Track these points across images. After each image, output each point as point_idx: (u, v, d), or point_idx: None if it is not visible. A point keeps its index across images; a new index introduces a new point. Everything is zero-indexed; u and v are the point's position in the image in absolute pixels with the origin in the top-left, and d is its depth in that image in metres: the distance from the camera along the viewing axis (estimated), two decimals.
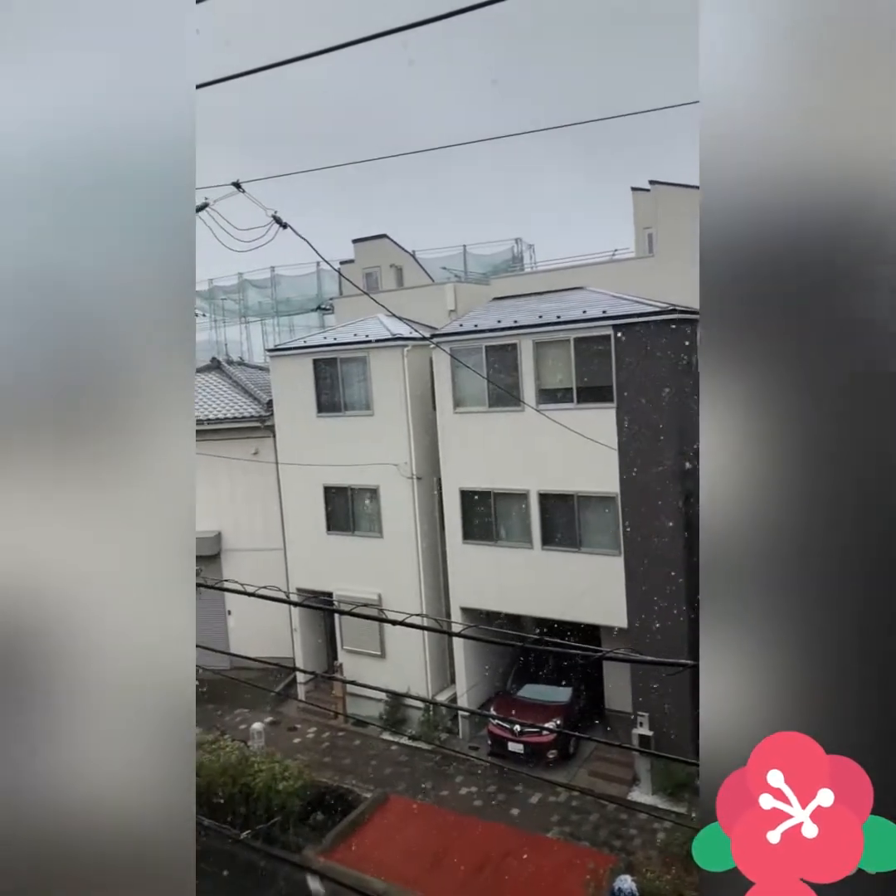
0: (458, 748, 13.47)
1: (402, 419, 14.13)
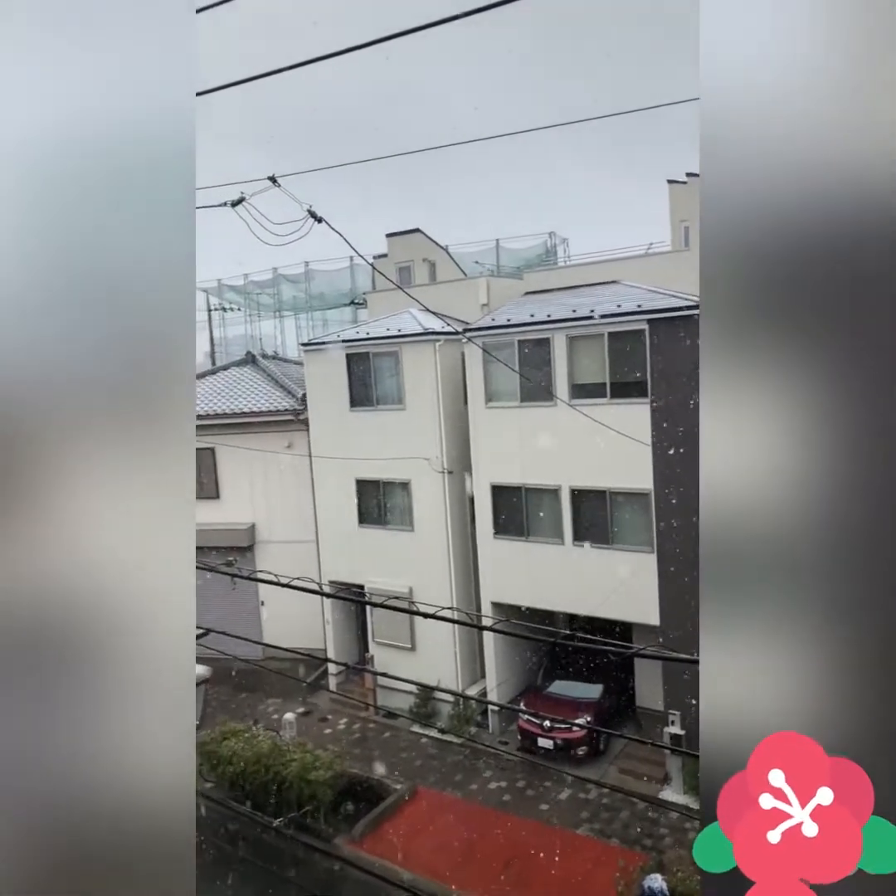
0: (488, 743, 13.49)
1: (433, 413, 14.14)
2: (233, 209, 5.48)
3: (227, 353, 27.77)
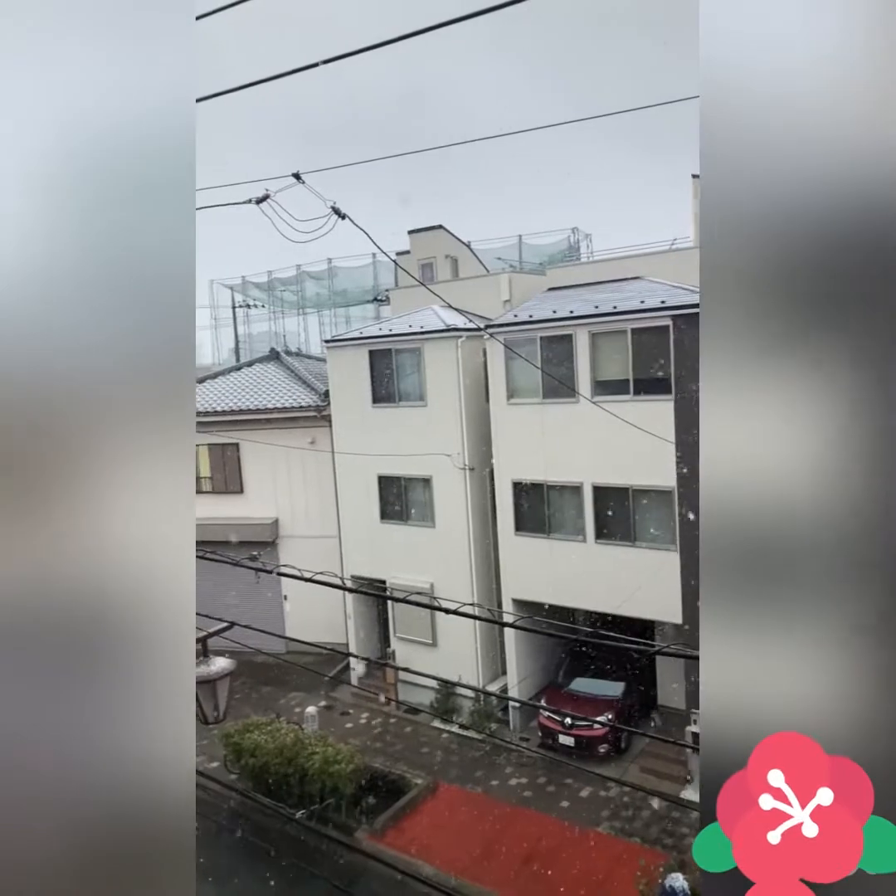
0: (509, 739, 13.50)
1: (455, 410, 14.16)
2: (258, 206, 5.53)
3: (252, 350, 28.02)
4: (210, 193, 6.03)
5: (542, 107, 53.31)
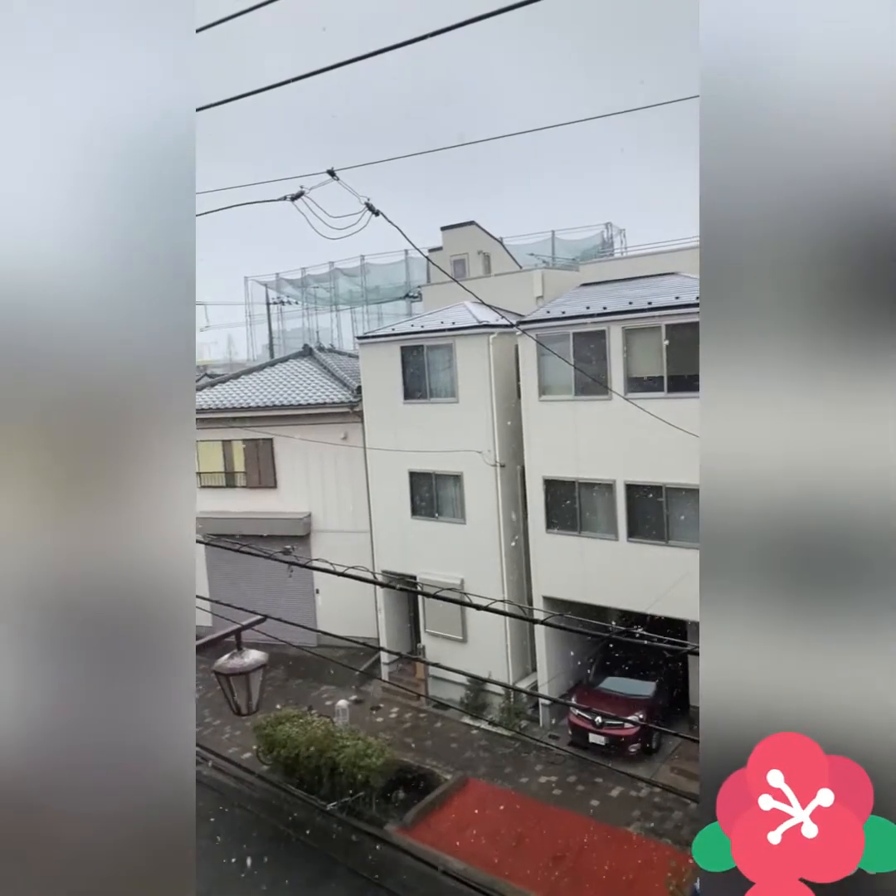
0: (539, 737, 13.47)
1: (486, 406, 14.13)
2: (292, 203, 5.58)
3: (286, 346, 28.31)
4: (245, 191, 6.09)
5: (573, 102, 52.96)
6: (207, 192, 6.70)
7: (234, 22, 3.34)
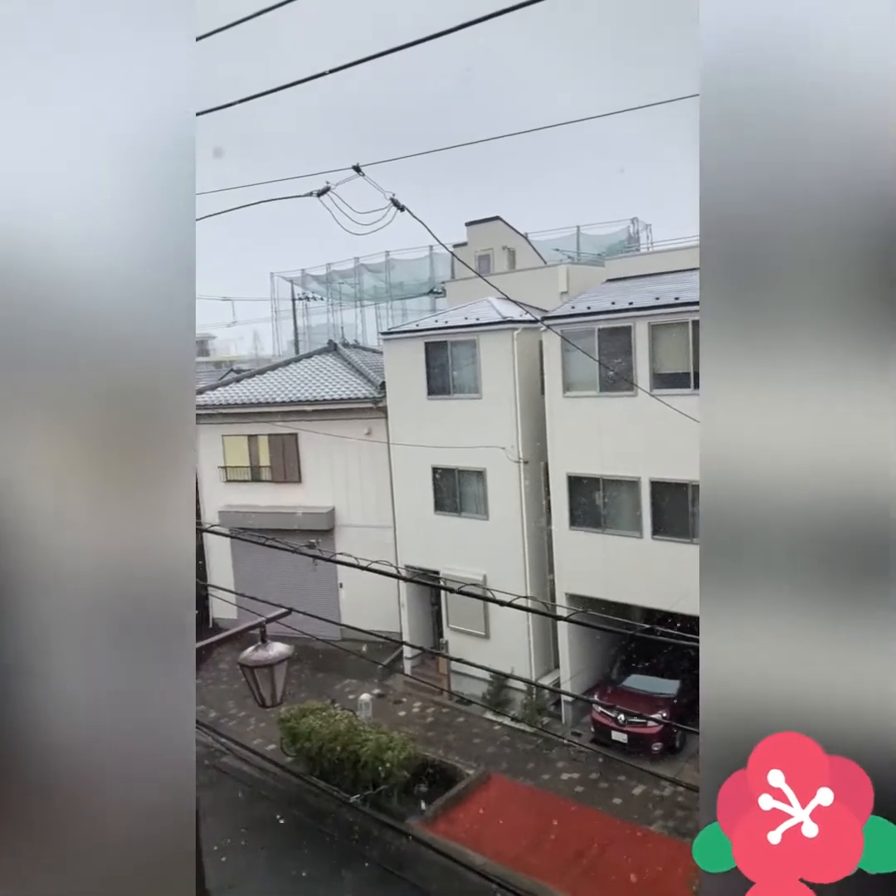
0: (561, 733, 13.44)
1: (509, 402, 14.10)
2: (318, 199, 5.61)
3: (311, 342, 28.49)
4: (271, 187, 6.12)
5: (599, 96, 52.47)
6: (233, 189, 6.76)
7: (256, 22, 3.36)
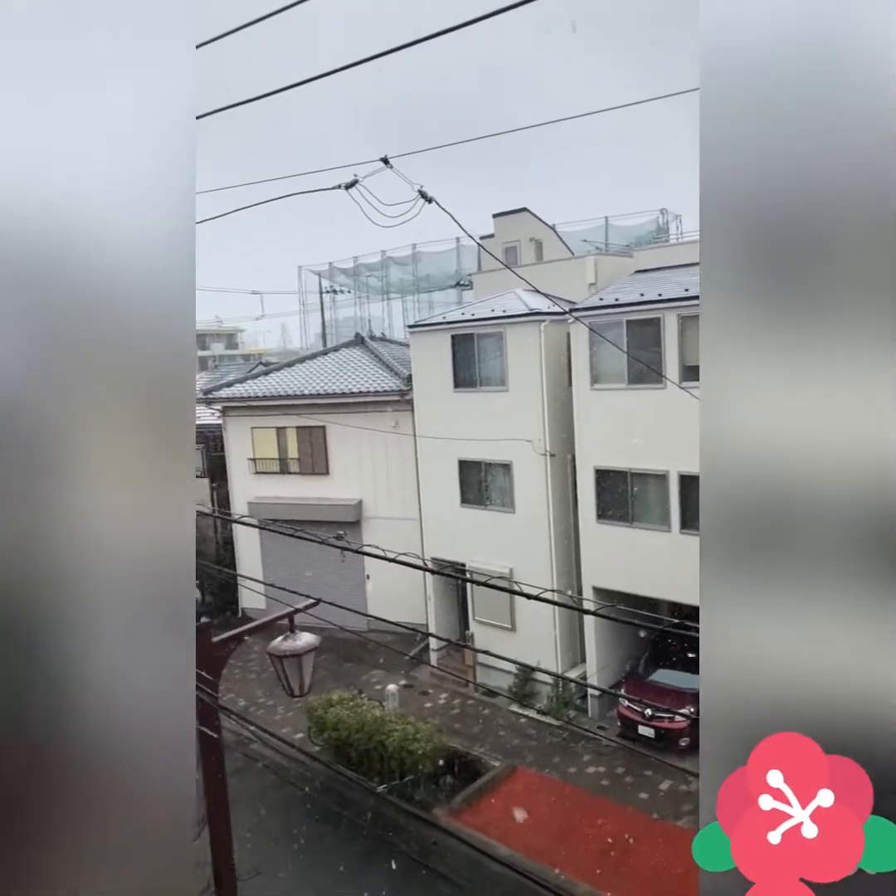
0: (587, 727, 13.41)
1: (536, 395, 14.04)
2: (346, 191, 5.62)
3: (338, 335, 28.63)
4: (299, 181, 6.16)
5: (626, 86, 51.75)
6: (260, 183, 6.80)
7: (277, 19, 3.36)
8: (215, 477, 20.82)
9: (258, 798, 11.36)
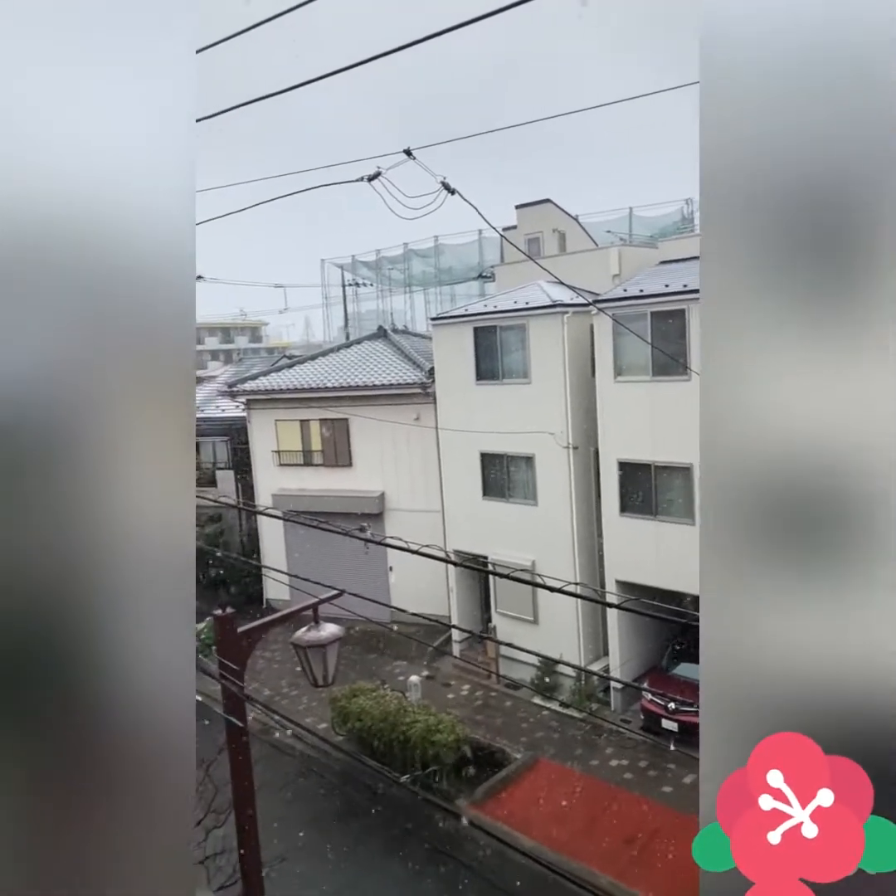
0: (610, 720, 13.38)
1: (559, 387, 13.97)
2: (369, 184, 5.62)
3: (360, 328, 28.69)
4: (322, 173, 6.16)
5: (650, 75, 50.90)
6: (283, 176, 6.82)
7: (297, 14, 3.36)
8: (240, 469, 21.04)
9: (281, 786, 11.50)
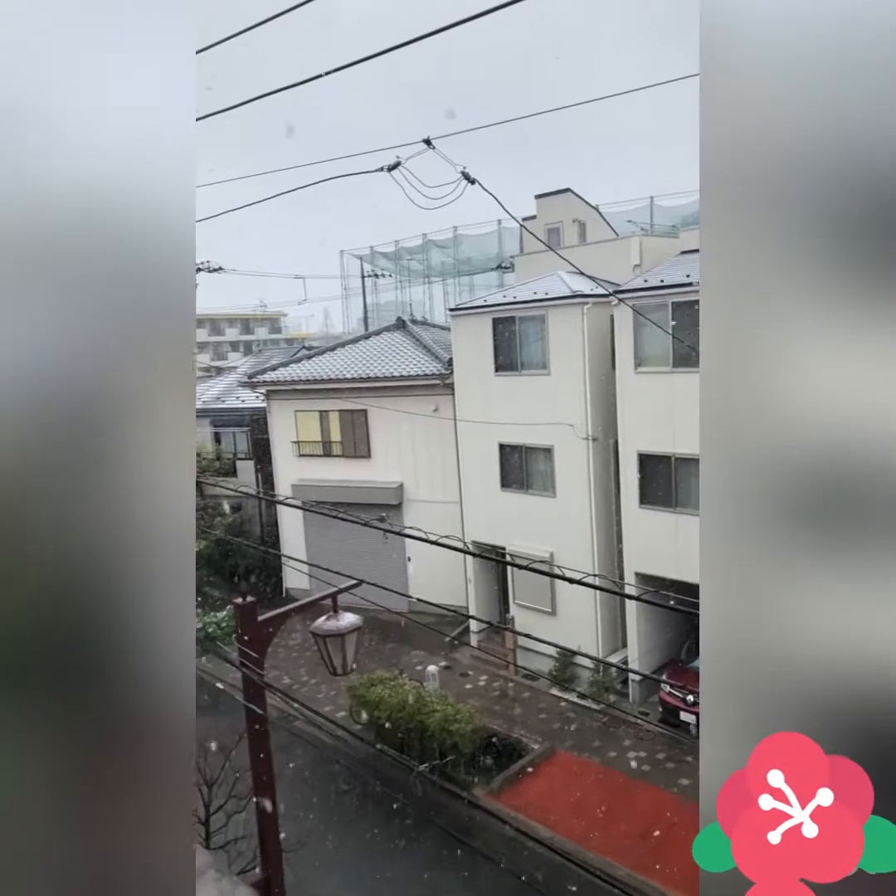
0: (628, 712, 13.36)
1: (578, 379, 13.89)
2: (389, 174, 5.61)
3: (379, 319, 28.72)
4: (340, 164, 6.16)
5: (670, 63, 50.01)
6: (305, 166, 6.83)
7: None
8: (260, 459, 21.19)
9: (301, 773, 11.63)
